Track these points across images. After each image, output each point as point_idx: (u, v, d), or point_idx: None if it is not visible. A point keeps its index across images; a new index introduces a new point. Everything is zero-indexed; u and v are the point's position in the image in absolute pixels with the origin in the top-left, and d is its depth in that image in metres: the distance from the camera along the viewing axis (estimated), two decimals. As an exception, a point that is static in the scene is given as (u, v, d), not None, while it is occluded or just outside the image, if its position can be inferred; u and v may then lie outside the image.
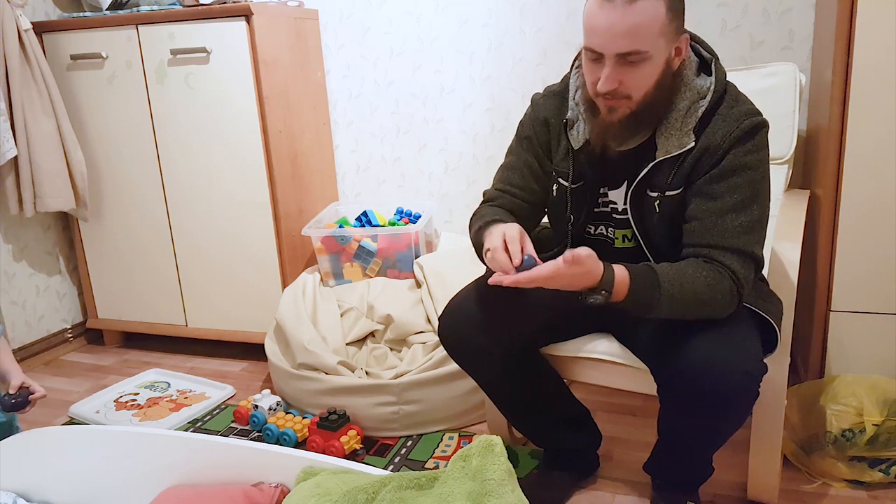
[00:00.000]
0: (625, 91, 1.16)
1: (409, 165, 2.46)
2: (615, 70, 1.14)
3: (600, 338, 1.44)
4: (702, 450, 1.33)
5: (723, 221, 1.18)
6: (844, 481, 1.50)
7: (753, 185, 1.18)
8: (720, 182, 1.18)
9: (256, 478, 1.09)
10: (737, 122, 1.18)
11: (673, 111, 1.21)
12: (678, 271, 1.16)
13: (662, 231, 1.27)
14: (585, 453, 1.58)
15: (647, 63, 1.14)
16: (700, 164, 1.20)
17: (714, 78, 1.21)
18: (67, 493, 1.22)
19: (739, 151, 1.18)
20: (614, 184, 1.32)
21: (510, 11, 2.20)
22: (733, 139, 1.17)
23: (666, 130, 1.22)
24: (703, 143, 1.19)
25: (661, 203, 1.24)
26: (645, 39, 1.11)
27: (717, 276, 1.15)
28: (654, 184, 1.25)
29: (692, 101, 1.21)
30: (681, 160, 1.21)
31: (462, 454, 0.93)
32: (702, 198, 1.20)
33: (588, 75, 1.21)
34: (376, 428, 1.81)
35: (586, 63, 1.20)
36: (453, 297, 1.42)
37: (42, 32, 2.24)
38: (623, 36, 1.10)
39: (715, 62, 1.24)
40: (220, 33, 2.06)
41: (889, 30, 1.47)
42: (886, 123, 1.51)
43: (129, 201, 2.34)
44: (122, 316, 2.49)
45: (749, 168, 1.18)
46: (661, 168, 1.23)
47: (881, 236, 1.57)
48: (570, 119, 1.32)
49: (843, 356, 1.65)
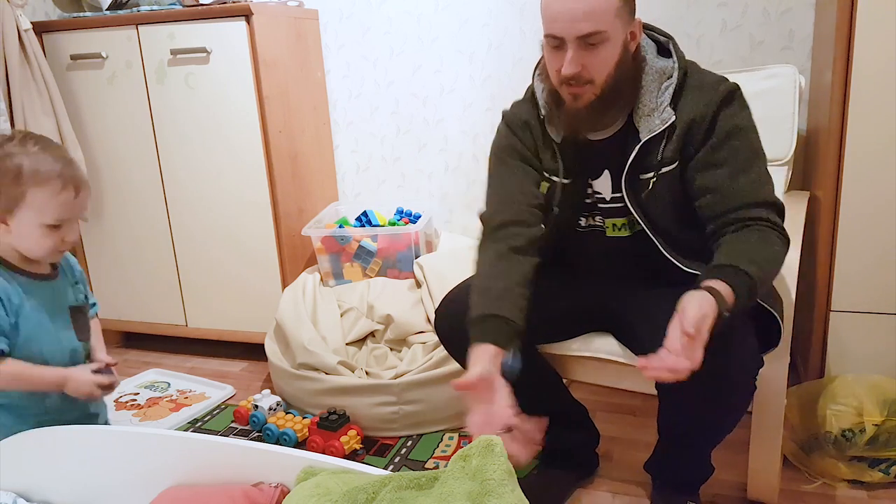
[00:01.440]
0: (588, 75, 1.20)
1: (409, 165, 2.46)
2: (577, 54, 1.18)
3: (600, 337, 1.44)
4: (701, 446, 1.33)
5: (737, 184, 1.21)
6: (844, 481, 1.50)
7: (750, 143, 1.23)
8: (720, 150, 1.22)
9: (256, 478, 1.09)
10: (713, 89, 1.23)
11: (643, 93, 1.25)
12: (746, 251, 1.16)
13: (663, 210, 1.28)
14: (584, 452, 1.58)
15: (607, 45, 1.18)
16: (690, 135, 1.23)
17: (675, 57, 1.27)
18: (67, 493, 1.22)
19: (726, 116, 1.22)
20: (594, 174, 1.34)
21: (510, 11, 2.20)
22: (716, 105, 1.22)
23: (643, 112, 1.25)
24: (687, 115, 1.23)
25: (655, 181, 1.26)
26: (602, 20, 1.16)
27: (766, 234, 1.18)
28: (646, 165, 1.26)
29: (660, 81, 1.25)
30: (667, 136, 1.24)
31: (462, 454, 0.93)
32: (707, 170, 1.23)
33: (551, 64, 1.24)
34: (376, 428, 1.81)
35: (548, 52, 1.24)
36: (450, 291, 1.43)
37: (42, 32, 2.23)
38: (582, 19, 1.15)
39: (672, 43, 1.29)
40: (220, 33, 2.06)
41: (889, 30, 1.47)
42: (886, 124, 1.51)
43: (129, 201, 2.34)
44: (121, 316, 2.49)
45: (741, 129, 1.23)
46: (649, 148, 1.25)
47: (881, 236, 1.57)
48: (547, 117, 1.34)
49: (843, 356, 1.65)
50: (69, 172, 1.23)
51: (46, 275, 1.32)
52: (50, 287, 1.32)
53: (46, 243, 1.24)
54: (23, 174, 1.19)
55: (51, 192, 1.21)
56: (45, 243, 1.24)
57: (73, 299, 1.38)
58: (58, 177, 1.21)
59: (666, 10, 2.04)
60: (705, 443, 1.32)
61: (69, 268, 1.41)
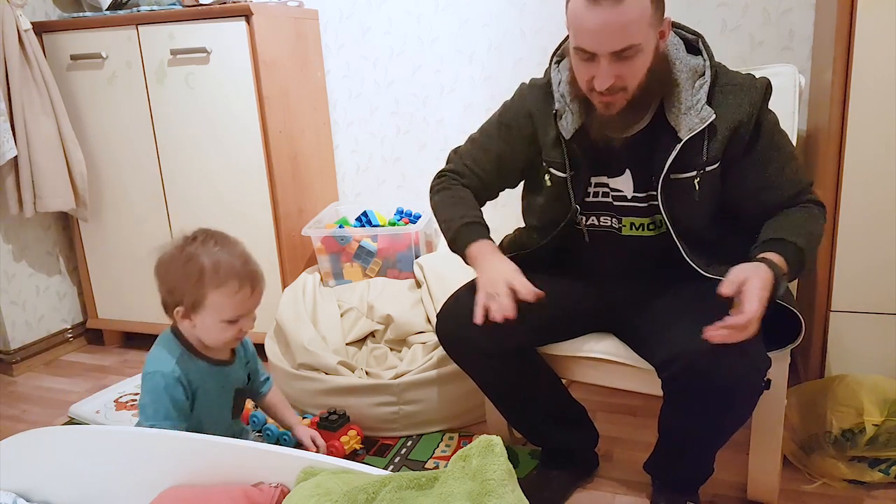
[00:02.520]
0: (621, 84, 1.19)
1: (409, 165, 2.46)
2: (611, 67, 1.16)
3: (600, 337, 1.44)
4: (704, 447, 1.33)
5: (783, 175, 1.28)
6: (844, 481, 1.50)
7: (784, 134, 1.31)
8: (767, 148, 1.27)
9: (256, 478, 1.09)
10: (752, 88, 1.26)
11: (678, 91, 1.24)
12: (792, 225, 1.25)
13: (699, 210, 1.29)
14: (583, 452, 1.58)
15: (640, 54, 1.17)
16: (738, 136, 1.25)
17: (706, 55, 1.27)
18: (67, 493, 1.22)
19: (764, 114, 1.27)
20: (613, 172, 1.33)
21: (510, 11, 2.20)
22: (759, 106, 1.25)
23: (679, 110, 1.24)
24: (732, 116, 1.24)
25: (700, 181, 1.26)
26: (636, 34, 1.14)
27: (810, 210, 1.28)
28: (686, 164, 1.26)
29: (693, 80, 1.25)
30: (709, 135, 1.24)
31: (462, 454, 0.93)
32: (761, 168, 1.28)
33: (580, 74, 1.23)
34: (376, 428, 1.81)
35: (577, 63, 1.22)
36: (452, 295, 1.43)
37: (42, 32, 2.23)
38: (615, 34, 1.13)
39: (701, 41, 1.29)
40: (220, 33, 2.06)
41: (889, 30, 1.47)
42: (886, 124, 1.51)
43: (129, 201, 2.34)
44: (122, 316, 2.49)
45: (774, 122, 1.29)
46: (687, 147, 1.24)
47: (881, 236, 1.57)
48: (559, 110, 1.33)
49: (843, 356, 1.65)
50: (246, 271, 1.31)
51: (224, 360, 1.41)
52: (224, 371, 1.41)
53: (226, 336, 1.33)
54: (205, 276, 1.27)
55: (229, 292, 1.28)
56: (224, 336, 1.33)
57: (243, 380, 1.47)
58: (235, 277, 1.29)
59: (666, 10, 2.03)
60: (709, 444, 1.31)
61: (242, 347, 1.49)
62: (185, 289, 1.29)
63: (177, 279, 1.30)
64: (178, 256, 1.30)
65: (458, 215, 1.41)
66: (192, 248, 1.30)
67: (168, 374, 1.30)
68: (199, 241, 1.31)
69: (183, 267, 1.29)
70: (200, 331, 1.33)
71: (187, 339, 1.36)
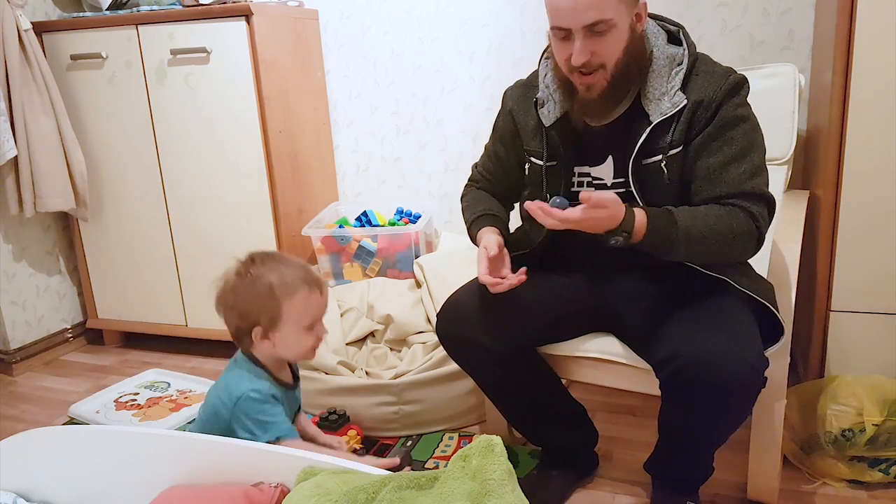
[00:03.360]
0: (598, 61, 1.21)
1: (409, 165, 2.46)
2: (585, 42, 1.19)
3: (599, 337, 1.44)
4: (704, 447, 1.33)
5: (727, 172, 1.22)
6: (844, 481, 1.50)
7: (748, 135, 1.24)
8: (717, 138, 1.24)
9: (256, 478, 1.09)
10: (723, 77, 1.24)
11: (653, 77, 1.26)
12: (693, 210, 1.21)
13: (672, 195, 1.28)
14: (583, 452, 1.58)
15: (614, 30, 1.19)
16: (696, 119, 1.25)
17: (685, 44, 1.28)
18: (67, 493, 1.22)
19: (730, 106, 1.23)
20: (596, 160, 1.35)
21: (510, 11, 2.20)
22: (723, 93, 1.23)
23: (652, 95, 1.26)
24: (695, 98, 1.24)
25: (667, 164, 1.26)
26: (607, 7, 1.17)
27: (732, 212, 1.20)
28: (653, 148, 1.27)
29: (671, 67, 1.26)
30: (676, 119, 1.25)
31: (462, 454, 0.93)
32: (702, 157, 1.25)
33: (559, 54, 1.25)
34: (376, 428, 1.81)
35: (555, 43, 1.25)
36: (452, 294, 1.43)
37: (42, 32, 2.23)
38: (587, 8, 1.16)
39: (682, 32, 1.30)
40: (220, 33, 2.06)
41: (889, 30, 1.47)
42: (886, 123, 1.51)
43: (129, 201, 2.34)
44: (122, 316, 2.49)
45: (741, 120, 1.24)
46: (658, 132, 1.26)
47: (881, 236, 1.56)
48: (541, 98, 1.36)
49: (843, 356, 1.65)
50: (311, 276, 1.33)
51: (289, 384, 1.42)
52: (290, 395, 1.42)
53: (307, 344, 1.35)
54: (275, 290, 1.29)
55: (303, 298, 1.31)
56: (306, 345, 1.35)
57: (300, 402, 1.48)
58: (304, 283, 1.31)
59: (666, 9, 2.02)
60: (708, 443, 1.31)
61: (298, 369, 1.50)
62: (260, 308, 1.29)
63: (249, 301, 1.30)
64: (243, 281, 1.32)
65: (471, 213, 1.48)
66: (255, 270, 1.31)
67: (265, 391, 1.31)
68: (259, 262, 1.33)
69: (251, 288, 1.30)
70: (280, 347, 1.33)
71: (263, 363, 1.36)
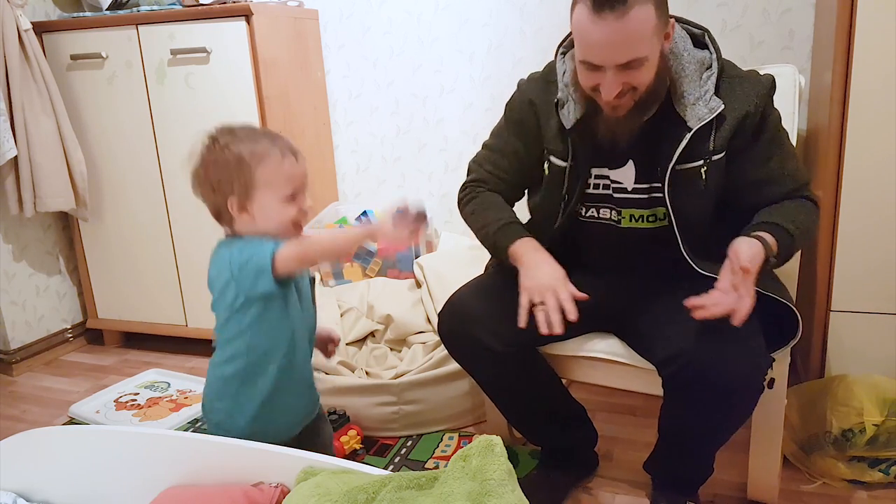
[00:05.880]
0: (627, 89, 1.19)
1: (409, 165, 2.46)
2: (617, 76, 1.16)
3: (600, 337, 1.44)
4: (705, 447, 1.33)
5: (784, 170, 1.29)
6: (844, 481, 1.50)
7: (783, 130, 1.32)
8: (770, 142, 1.28)
9: (256, 478, 1.09)
10: (758, 81, 1.27)
11: (685, 83, 1.24)
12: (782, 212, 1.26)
13: (705, 201, 1.29)
14: (582, 451, 1.58)
15: (647, 63, 1.16)
16: (744, 127, 1.26)
17: (712, 48, 1.28)
18: (67, 493, 1.21)
19: (769, 108, 1.28)
20: (615, 163, 1.33)
21: (510, 11, 2.20)
22: (766, 99, 1.26)
23: (687, 101, 1.24)
24: (740, 106, 1.25)
25: (707, 170, 1.27)
26: (642, 46, 1.13)
27: (806, 204, 1.29)
28: (692, 154, 1.26)
29: (700, 72, 1.26)
30: (716, 125, 1.25)
31: (462, 454, 0.93)
32: (760, 160, 1.28)
33: (585, 81, 1.22)
34: (376, 428, 1.81)
35: (582, 70, 1.21)
36: (454, 293, 1.43)
37: (42, 32, 2.23)
38: (620, 48, 1.12)
39: (707, 35, 1.30)
40: (220, 33, 2.06)
41: (889, 30, 1.47)
42: (886, 123, 1.51)
43: (129, 201, 2.34)
44: (122, 316, 2.49)
45: (778, 118, 1.30)
46: (695, 137, 1.25)
47: (881, 236, 1.56)
48: (561, 100, 1.33)
49: (843, 356, 1.65)
50: (282, 142, 1.26)
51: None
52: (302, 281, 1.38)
53: (288, 214, 1.26)
54: (244, 157, 1.23)
55: (275, 163, 1.23)
56: (286, 215, 1.26)
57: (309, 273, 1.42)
58: (274, 147, 1.24)
59: (666, 10, 2.04)
60: (709, 443, 1.31)
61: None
62: (231, 177, 1.23)
63: (218, 173, 1.24)
64: (212, 152, 1.26)
65: (492, 220, 1.39)
66: (223, 139, 1.26)
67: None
68: (227, 133, 1.27)
69: (221, 158, 1.24)
70: (261, 219, 1.25)
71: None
